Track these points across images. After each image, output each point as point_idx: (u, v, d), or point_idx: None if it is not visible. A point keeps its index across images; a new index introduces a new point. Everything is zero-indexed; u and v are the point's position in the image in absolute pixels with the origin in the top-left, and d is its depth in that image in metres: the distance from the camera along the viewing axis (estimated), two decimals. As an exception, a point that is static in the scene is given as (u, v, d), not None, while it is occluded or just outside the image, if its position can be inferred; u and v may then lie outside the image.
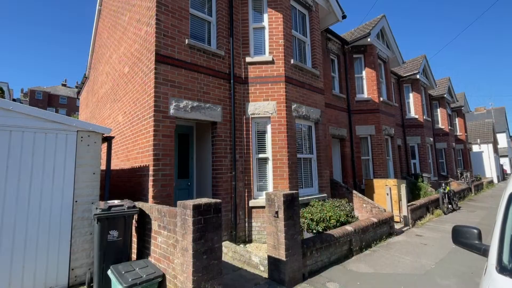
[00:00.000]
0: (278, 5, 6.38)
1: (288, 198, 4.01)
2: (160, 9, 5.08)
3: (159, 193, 4.72)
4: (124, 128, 6.34)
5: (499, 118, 36.69)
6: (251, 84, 6.23)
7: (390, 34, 11.38)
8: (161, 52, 4.99)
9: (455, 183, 14.72)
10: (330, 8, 7.92)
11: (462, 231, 2.04)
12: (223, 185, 5.63)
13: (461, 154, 21.18)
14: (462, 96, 22.13)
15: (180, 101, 5.15)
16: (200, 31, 5.91)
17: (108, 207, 3.58)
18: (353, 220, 5.83)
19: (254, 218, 5.78)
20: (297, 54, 7.04)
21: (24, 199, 3.63)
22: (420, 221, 8.11)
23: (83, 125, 4.16)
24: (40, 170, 3.78)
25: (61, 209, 3.86)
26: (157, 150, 4.79)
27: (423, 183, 11.40)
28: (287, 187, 5.79)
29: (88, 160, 4.13)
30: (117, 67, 7.33)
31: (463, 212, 9.86)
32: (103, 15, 9.80)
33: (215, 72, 5.81)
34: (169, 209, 3.49)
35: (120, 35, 7.28)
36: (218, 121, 5.74)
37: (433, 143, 15.54)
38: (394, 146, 10.88)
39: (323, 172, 7.03)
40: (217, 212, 3.11)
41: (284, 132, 6.01)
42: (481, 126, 28.86)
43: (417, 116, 14.18)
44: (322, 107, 7.26)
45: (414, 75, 13.99)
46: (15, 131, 3.65)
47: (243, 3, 6.49)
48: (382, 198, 8.21)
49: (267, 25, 6.41)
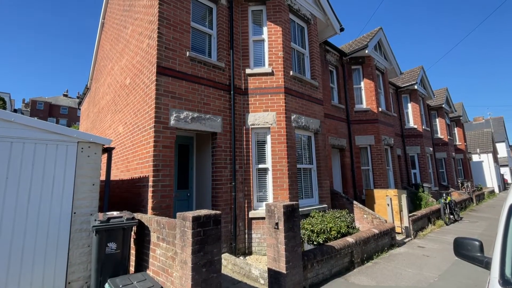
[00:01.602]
0: (277, 18, 6.53)
1: (288, 209, 3.98)
2: (162, 23, 5.20)
3: (159, 204, 4.69)
4: (125, 138, 6.36)
5: (498, 128, 36.86)
6: (251, 95, 6.30)
7: (387, 45, 11.59)
8: (163, 64, 5.08)
9: (456, 193, 14.63)
10: (328, 21, 8.11)
11: (464, 243, 2.03)
12: (223, 196, 5.60)
13: (461, 164, 21.14)
14: (460, 106, 22.30)
15: (181, 112, 5.20)
16: (201, 44, 6.03)
17: (107, 219, 3.56)
18: (354, 231, 5.77)
19: (254, 229, 5.72)
20: (296, 65, 7.16)
21: (23, 211, 3.60)
22: (422, 232, 8.02)
23: (83, 136, 4.17)
24: (40, 181, 3.77)
25: (59, 221, 3.82)
26: (157, 161, 4.79)
27: (424, 193, 11.33)
28: (287, 198, 5.76)
29: (88, 171, 4.13)
30: (118, 79, 7.43)
31: (465, 223, 9.77)
32: (106, 28, 10.01)
33: (216, 84, 5.89)
34: (168, 221, 3.47)
35: (122, 48, 7.42)
36: (218, 131, 5.77)
37: (433, 153, 15.55)
38: (394, 156, 10.89)
39: (323, 183, 7.00)
40: (216, 224, 3.09)
41: (284, 142, 6.03)
42: (480, 136, 28.96)
43: (416, 126, 14.25)
44: (321, 117, 7.32)
45: (412, 85, 14.16)
46: (16, 142, 3.66)
47: (243, 16, 6.65)
48: (383, 208, 8.15)
49: (266, 37, 6.55)
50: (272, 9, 6.59)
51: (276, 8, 6.58)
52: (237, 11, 6.62)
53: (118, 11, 8.37)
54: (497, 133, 35.43)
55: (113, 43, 8.52)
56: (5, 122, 3.60)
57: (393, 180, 10.63)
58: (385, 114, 10.81)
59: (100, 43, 10.89)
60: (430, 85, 15.73)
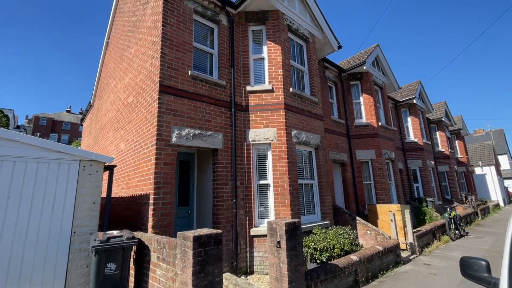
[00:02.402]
0: (277, 38, 6.74)
1: (290, 227, 3.93)
2: (165, 43, 5.36)
3: (159, 223, 4.64)
4: (126, 155, 6.39)
5: (499, 140, 36.84)
6: (252, 111, 6.38)
7: (384, 61, 11.84)
8: (165, 83, 5.19)
9: (461, 207, 14.41)
10: (326, 39, 8.34)
11: (470, 263, 1.99)
12: (224, 213, 5.54)
13: (464, 177, 20.96)
14: (460, 119, 22.42)
15: (182, 129, 5.25)
16: (202, 63, 6.19)
17: (107, 239, 3.51)
18: (357, 249, 5.65)
19: (255, 247, 5.61)
20: (295, 82, 7.29)
21: (22, 231, 3.58)
22: (427, 248, 7.84)
23: (86, 155, 4.21)
24: (41, 200, 3.76)
25: (58, 241, 3.78)
26: (158, 178, 4.79)
27: (427, 208, 11.17)
28: (289, 215, 5.69)
29: (89, 190, 4.12)
30: (121, 96, 7.56)
31: (471, 238, 9.56)
32: (110, 47, 10.31)
33: (217, 101, 5.99)
34: (169, 240, 3.43)
35: (125, 66, 7.61)
36: (219, 148, 5.80)
37: (435, 166, 15.47)
38: (395, 170, 10.84)
39: (325, 198, 6.94)
40: (218, 244, 3.05)
41: (284, 158, 6.04)
42: (482, 148, 28.87)
43: (416, 139, 14.28)
44: (321, 132, 7.37)
45: (411, 99, 14.32)
46: (19, 161, 3.70)
47: (244, 36, 6.86)
48: (387, 224, 8.02)
49: (266, 56, 6.72)
50: (272, 29, 6.81)
51: (275, 28, 6.80)
52: (238, 31, 6.84)
53: (122, 32, 8.66)
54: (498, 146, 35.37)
55: (117, 61, 8.75)
56: (9, 142, 3.65)
57: (395, 195, 10.52)
58: (385, 128, 10.87)
59: (104, 62, 11.18)
60: (428, 99, 15.91)
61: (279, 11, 6.89)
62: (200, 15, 6.23)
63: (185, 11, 5.85)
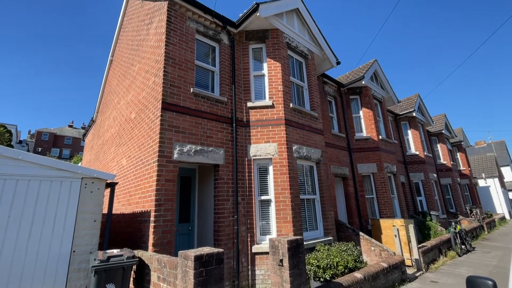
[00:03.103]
0: (277, 55, 6.91)
1: (292, 245, 3.88)
2: (168, 62, 5.51)
3: (160, 240, 4.58)
4: (128, 172, 6.40)
5: (501, 152, 36.69)
6: (253, 127, 6.45)
7: (383, 76, 12.04)
8: (167, 100, 5.28)
9: (466, 220, 14.17)
10: (325, 56, 8.54)
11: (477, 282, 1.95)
12: (225, 230, 5.47)
13: (468, 189, 20.73)
14: (460, 131, 22.47)
15: (184, 146, 5.29)
16: (204, 80, 6.32)
17: (107, 258, 3.47)
18: (361, 266, 5.53)
19: (257, 265, 5.50)
20: (295, 98, 7.40)
21: (22, 250, 3.54)
22: (434, 264, 7.65)
23: (88, 172, 4.23)
24: (41, 219, 3.75)
25: (58, 260, 3.73)
26: (160, 195, 4.77)
27: (432, 222, 10.99)
28: (291, 231, 5.62)
29: (90, 208, 4.11)
30: (124, 113, 7.67)
31: (478, 253, 9.34)
32: (114, 64, 10.56)
33: (218, 117, 6.07)
34: (169, 260, 3.38)
35: (129, 83, 7.77)
36: (220, 163, 5.81)
37: (438, 179, 15.35)
38: (397, 183, 10.76)
39: (328, 213, 6.86)
40: (219, 263, 3.01)
41: (286, 173, 6.04)
42: (484, 160, 28.73)
43: (417, 152, 14.26)
44: (322, 147, 7.39)
45: (410, 113, 14.43)
46: (21, 180, 3.71)
47: (244, 53, 7.04)
48: (391, 239, 7.87)
49: (266, 73, 6.87)
50: (271, 47, 7.00)
51: (275, 46, 6.99)
52: (239, 49, 7.03)
53: (126, 50, 8.90)
54: (500, 157, 35.19)
55: (120, 79, 8.94)
56: (12, 160, 3.69)
57: (398, 209, 10.38)
58: (386, 142, 10.89)
59: (108, 79, 11.41)
60: (428, 111, 16.02)
61: (279, 30, 7.10)
62: (202, 34, 6.42)
63: (187, 31, 6.05)
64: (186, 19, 6.09)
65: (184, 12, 6.08)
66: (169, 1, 5.85)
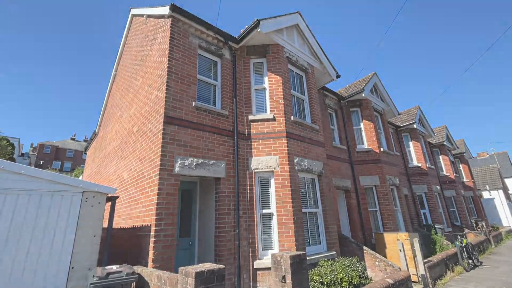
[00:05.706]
0: (277, 69, 7.03)
1: (295, 260, 3.80)
2: (170, 77, 5.60)
3: (160, 256, 4.50)
4: (129, 185, 6.38)
5: (504, 163, 36.40)
6: (254, 140, 6.47)
7: (382, 88, 12.16)
8: (170, 114, 5.34)
9: (472, 234, 13.88)
10: (324, 70, 8.67)
11: None
12: (226, 245, 5.38)
13: (472, 202, 20.42)
14: (462, 142, 22.42)
15: (186, 159, 5.30)
16: (206, 94, 6.41)
17: (105, 275, 3.40)
18: (366, 282, 5.37)
19: (259, 281, 5.36)
20: (296, 111, 7.46)
21: (20, 266, 3.48)
22: (441, 280, 7.42)
23: (89, 186, 4.21)
24: (41, 234, 3.70)
25: (56, 277, 3.66)
26: (161, 209, 4.73)
27: (437, 236, 10.76)
28: (294, 245, 5.51)
29: (90, 222, 4.07)
30: (126, 126, 7.73)
31: (486, 268, 9.07)
32: (118, 79, 10.76)
33: (220, 130, 6.10)
34: (169, 276, 3.31)
35: (131, 97, 7.87)
36: (222, 176, 5.79)
37: (441, 191, 15.17)
38: (400, 196, 10.63)
39: (330, 227, 6.75)
40: (220, 280, 2.94)
41: (287, 186, 5.99)
42: (487, 172, 28.46)
43: (420, 164, 14.18)
44: (324, 159, 7.37)
45: (411, 124, 14.46)
46: (22, 194, 3.70)
47: (245, 68, 7.17)
48: (395, 254, 7.69)
49: (267, 86, 6.96)
50: (272, 61, 7.13)
51: (275, 60, 7.12)
52: (240, 63, 7.17)
53: (130, 65, 9.09)
54: (504, 169, 34.87)
55: (123, 93, 9.07)
56: (14, 175, 3.69)
57: (402, 222, 10.20)
58: (388, 154, 10.86)
59: (111, 92, 11.59)
60: (428, 123, 16.06)
61: (279, 45, 7.26)
62: (204, 49, 6.57)
63: (190, 46, 6.19)
64: (189, 35, 6.25)
65: (187, 29, 6.25)
66: (172, 18, 6.03)
